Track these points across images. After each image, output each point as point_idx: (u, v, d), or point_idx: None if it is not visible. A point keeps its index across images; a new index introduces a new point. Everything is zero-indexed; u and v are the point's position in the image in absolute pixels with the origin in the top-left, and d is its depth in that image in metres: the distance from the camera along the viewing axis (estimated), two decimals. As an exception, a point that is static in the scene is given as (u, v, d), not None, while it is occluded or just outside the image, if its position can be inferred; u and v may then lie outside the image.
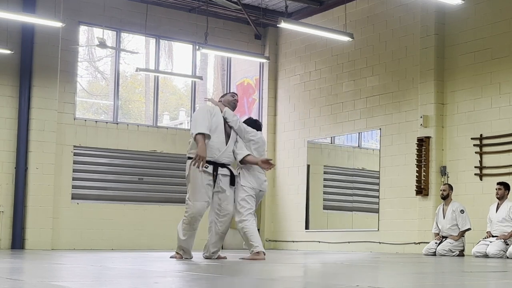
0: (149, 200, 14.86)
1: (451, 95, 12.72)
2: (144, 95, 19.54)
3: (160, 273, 5.39)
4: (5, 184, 13.36)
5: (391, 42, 13.82)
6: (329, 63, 15.10)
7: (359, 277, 5.11)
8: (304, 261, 7.54)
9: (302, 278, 5.05)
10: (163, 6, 15.15)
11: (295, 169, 15.71)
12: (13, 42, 13.26)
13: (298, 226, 15.49)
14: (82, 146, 14.20)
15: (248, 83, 16.87)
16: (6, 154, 13.39)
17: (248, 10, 15.36)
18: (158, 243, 14.56)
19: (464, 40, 12.55)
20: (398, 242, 13.23)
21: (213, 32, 15.37)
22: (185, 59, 16.76)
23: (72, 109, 14.18)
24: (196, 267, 6.27)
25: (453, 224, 11.55)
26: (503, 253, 10.49)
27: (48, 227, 13.53)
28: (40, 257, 8.87)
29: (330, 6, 14.93)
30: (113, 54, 15.62)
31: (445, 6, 12.32)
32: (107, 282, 4.40)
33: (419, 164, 12.78)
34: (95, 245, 14.04)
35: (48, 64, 13.73)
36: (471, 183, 12.23)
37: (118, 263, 7.27)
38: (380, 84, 13.96)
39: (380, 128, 13.91)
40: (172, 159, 15.16)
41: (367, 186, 14.83)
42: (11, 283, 4.12)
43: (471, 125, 12.36)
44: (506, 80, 11.90)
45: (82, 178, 14.18)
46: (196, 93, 16.18)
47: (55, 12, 12.88)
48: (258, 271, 5.77)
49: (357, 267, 6.67)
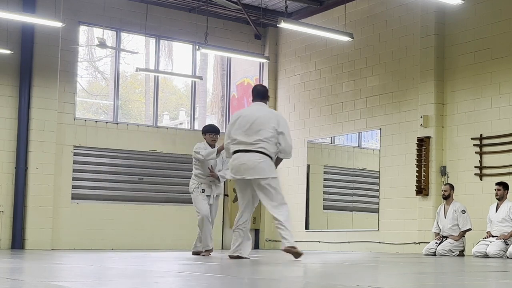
0: (149, 200, 14.86)
1: (451, 95, 12.72)
2: (144, 95, 19.54)
3: (160, 273, 5.39)
4: (5, 184, 13.36)
5: (391, 42, 13.82)
6: (329, 63, 15.10)
7: (359, 277, 5.11)
8: (304, 261, 7.54)
9: (302, 278, 5.05)
10: (163, 6, 15.15)
11: (295, 169, 15.71)
12: (13, 42, 13.26)
13: (298, 226, 15.47)
14: (82, 146, 14.20)
15: (248, 83, 16.87)
16: (6, 154, 13.39)
17: (248, 10, 15.36)
18: (158, 243, 14.55)
19: (464, 40, 12.55)
20: (398, 242, 13.23)
21: (213, 32, 15.37)
22: (185, 59, 16.76)
23: (72, 109, 14.18)
24: (196, 267, 6.27)
25: (454, 224, 11.55)
26: (503, 253, 10.49)
27: (48, 227, 13.53)
28: (40, 257, 8.87)
29: (330, 6, 14.93)
30: (113, 54, 15.63)
31: (445, 6, 12.32)
32: (107, 282, 4.40)
33: (419, 164, 12.78)
34: (95, 245, 14.04)
35: (48, 64, 13.73)
36: (471, 183, 12.23)
37: (118, 263, 7.26)
38: (380, 84, 13.96)
39: (380, 128, 13.91)
40: (172, 159, 15.16)
41: (367, 186, 14.83)
42: (11, 283, 4.12)
43: (471, 125, 12.36)
44: (506, 80, 11.90)
45: (82, 178, 14.18)
46: (196, 93, 16.18)
47: (55, 12, 12.88)
48: (258, 271, 5.77)
49: (357, 267, 6.67)
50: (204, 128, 9.80)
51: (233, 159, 7.80)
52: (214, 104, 18.37)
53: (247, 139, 7.73)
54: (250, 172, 7.69)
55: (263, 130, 7.69)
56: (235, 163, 7.76)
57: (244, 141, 7.74)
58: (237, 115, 7.99)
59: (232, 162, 7.81)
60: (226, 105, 16.58)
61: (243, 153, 7.73)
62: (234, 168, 7.77)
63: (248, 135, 7.73)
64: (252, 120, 7.75)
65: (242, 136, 7.76)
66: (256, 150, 7.69)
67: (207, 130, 9.67)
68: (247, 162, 7.68)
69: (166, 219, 14.77)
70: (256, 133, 7.71)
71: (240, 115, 7.92)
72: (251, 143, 7.71)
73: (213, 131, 9.63)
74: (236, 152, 7.78)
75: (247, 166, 7.68)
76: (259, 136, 7.70)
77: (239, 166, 7.72)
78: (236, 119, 7.89)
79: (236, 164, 7.75)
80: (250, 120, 7.76)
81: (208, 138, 9.59)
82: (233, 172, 7.81)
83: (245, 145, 7.74)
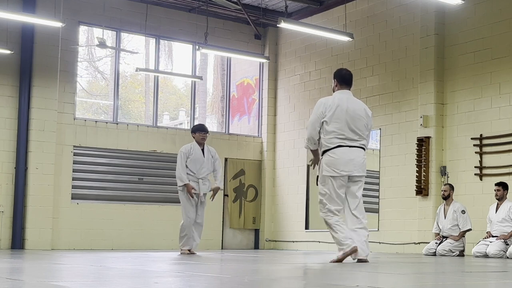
0: (149, 200, 14.85)
1: (451, 95, 12.72)
2: (144, 95, 19.54)
3: (160, 273, 5.39)
4: (5, 184, 13.36)
5: (391, 42, 13.82)
6: (329, 63, 15.10)
7: (359, 277, 5.11)
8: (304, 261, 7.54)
9: (302, 278, 5.05)
10: (163, 6, 15.15)
11: (295, 169, 15.71)
12: (13, 42, 13.26)
13: (298, 226, 15.49)
14: (82, 146, 14.20)
15: (248, 83, 16.87)
16: (6, 154, 13.39)
17: (248, 10, 15.35)
18: (158, 243, 14.55)
19: (464, 40, 12.55)
20: (398, 242, 13.23)
21: (213, 32, 15.37)
22: (185, 59, 16.76)
23: (72, 109, 14.18)
24: (196, 267, 6.27)
25: (454, 224, 11.55)
26: (503, 253, 10.49)
27: (48, 227, 13.53)
28: (40, 257, 8.87)
29: (330, 6, 14.93)
30: (113, 54, 15.62)
31: (445, 6, 12.33)
32: (107, 282, 4.40)
33: (419, 164, 12.78)
34: (95, 245, 14.04)
35: (48, 64, 13.73)
36: (471, 183, 12.22)
37: (118, 263, 7.26)
38: (380, 84, 13.96)
39: (380, 128, 13.90)
40: (172, 159, 15.11)
41: (367, 186, 14.78)
42: (11, 283, 4.12)
43: (471, 125, 12.36)
44: (506, 80, 11.90)
45: (82, 178, 14.18)
46: (196, 93, 16.18)
47: (55, 12, 12.88)
48: (258, 271, 5.77)
49: (357, 267, 6.67)
50: (193, 127, 10.42)
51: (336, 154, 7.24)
52: (214, 104, 18.39)
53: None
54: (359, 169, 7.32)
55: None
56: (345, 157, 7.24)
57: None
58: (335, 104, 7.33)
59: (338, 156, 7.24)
60: (226, 105, 16.57)
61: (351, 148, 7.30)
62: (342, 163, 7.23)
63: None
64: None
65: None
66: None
67: (196, 129, 10.28)
68: (356, 158, 7.30)
69: (166, 219, 14.76)
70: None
71: (338, 105, 7.31)
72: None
73: (203, 130, 10.23)
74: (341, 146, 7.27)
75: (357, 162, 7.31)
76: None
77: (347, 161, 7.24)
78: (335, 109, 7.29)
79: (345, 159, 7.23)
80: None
81: (197, 136, 10.17)
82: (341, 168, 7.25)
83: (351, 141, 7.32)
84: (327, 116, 7.26)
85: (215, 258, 8.91)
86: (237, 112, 16.96)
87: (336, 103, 7.28)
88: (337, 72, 7.55)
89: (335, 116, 7.24)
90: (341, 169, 7.21)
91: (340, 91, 7.43)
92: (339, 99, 7.33)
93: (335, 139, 7.23)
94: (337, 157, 7.21)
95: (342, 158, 7.21)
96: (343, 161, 7.20)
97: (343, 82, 7.45)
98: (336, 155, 7.22)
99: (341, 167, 7.21)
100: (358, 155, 7.31)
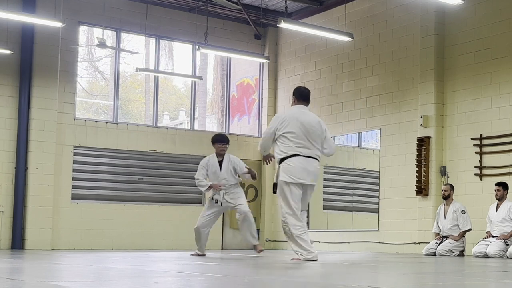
0: (149, 200, 14.85)
1: (451, 95, 12.72)
2: (144, 95, 19.55)
3: (160, 273, 5.39)
4: (5, 184, 13.36)
5: (391, 42, 13.82)
6: (329, 63, 15.10)
7: (359, 277, 5.11)
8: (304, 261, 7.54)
9: (302, 278, 5.05)
10: (163, 6, 15.15)
11: (295, 169, 15.68)
12: (13, 42, 13.26)
13: (298, 226, 15.46)
14: (82, 146, 14.20)
15: (248, 83, 16.87)
16: (6, 154, 13.39)
17: (248, 10, 15.36)
18: (158, 243, 14.55)
19: (464, 40, 12.55)
20: (398, 242, 13.23)
21: (213, 32, 15.37)
22: (185, 59, 16.77)
23: (72, 109, 14.18)
24: (196, 267, 6.27)
25: (454, 224, 11.55)
26: (503, 253, 10.49)
27: (48, 227, 13.53)
28: (40, 257, 8.87)
29: (330, 6, 14.93)
30: (113, 54, 15.63)
31: (445, 6, 12.32)
32: (107, 282, 4.40)
33: (419, 164, 12.78)
34: (95, 245, 14.04)
35: (48, 64, 13.73)
36: (471, 183, 12.22)
37: (118, 263, 7.27)
38: (380, 84, 13.96)
39: (380, 128, 13.90)
40: (172, 159, 15.17)
41: (367, 186, 14.82)
42: (11, 283, 4.12)
43: (471, 125, 12.36)
44: (506, 80, 11.90)
45: (82, 178, 14.18)
46: (196, 93, 16.18)
47: (55, 12, 12.88)
48: (258, 271, 5.77)
49: (357, 267, 6.67)
50: (213, 138, 9.82)
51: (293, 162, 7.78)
52: (214, 104, 18.39)
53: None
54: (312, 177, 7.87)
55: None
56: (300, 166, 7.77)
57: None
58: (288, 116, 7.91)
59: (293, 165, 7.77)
60: (226, 105, 16.58)
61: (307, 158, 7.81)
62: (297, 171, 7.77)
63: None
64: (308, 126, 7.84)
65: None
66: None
67: (215, 140, 9.73)
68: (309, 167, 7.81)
69: (166, 219, 14.76)
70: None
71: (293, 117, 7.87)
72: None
73: (222, 140, 9.69)
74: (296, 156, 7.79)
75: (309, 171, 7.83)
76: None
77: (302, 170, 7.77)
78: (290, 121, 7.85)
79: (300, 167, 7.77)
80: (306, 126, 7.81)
81: (217, 147, 9.65)
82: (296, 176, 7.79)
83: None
84: (284, 128, 7.79)
85: (215, 258, 8.90)
86: (237, 112, 16.96)
87: (293, 116, 7.86)
88: (296, 89, 8.17)
89: (292, 128, 7.78)
90: (297, 177, 7.74)
91: (297, 106, 8.01)
92: (296, 113, 7.92)
93: (292, 149, 7.76)
94: (293, 165, 7.75)
95: (298, 167, 7.75)
96: (298, 169, 7.74)
97: (301, 98, 8.04)
98: (292, 163, 7.75)
99: (297, 174, 7.74)
100: (312, 165, 7.83)
